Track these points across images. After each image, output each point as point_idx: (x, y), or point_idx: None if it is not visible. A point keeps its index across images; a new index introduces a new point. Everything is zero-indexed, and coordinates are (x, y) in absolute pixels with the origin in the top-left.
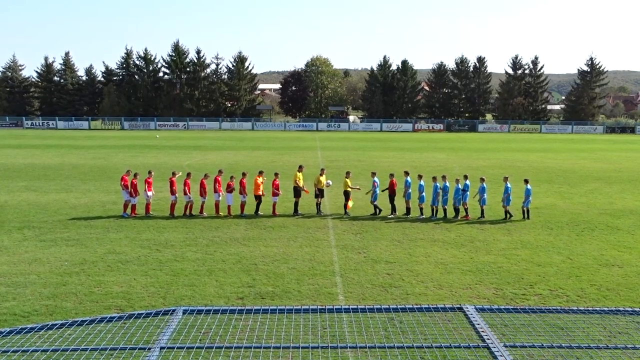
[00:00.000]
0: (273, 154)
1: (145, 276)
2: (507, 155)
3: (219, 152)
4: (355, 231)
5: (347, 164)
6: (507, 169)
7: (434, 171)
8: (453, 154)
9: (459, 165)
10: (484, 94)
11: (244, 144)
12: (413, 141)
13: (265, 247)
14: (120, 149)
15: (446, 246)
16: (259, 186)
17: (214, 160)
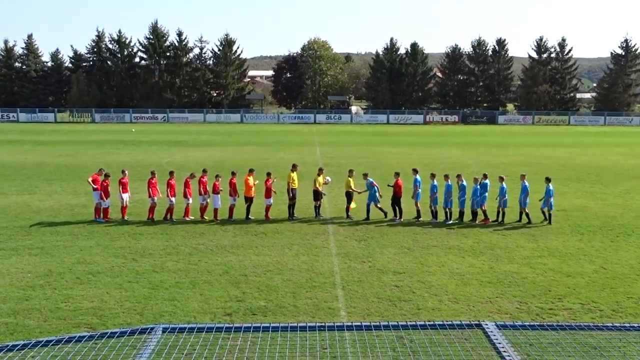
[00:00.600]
0: (265, 150)
1: (120, 289)
2: (531, 150)
3: (204, 149)
4: (358, 237)
5: (350, 161)
6: (531, 167)
7: (448, 169)
8: (470, 149)
9: (476, 163)
10: (504, 81)
11: (232, 138)
12: (424, 135)
13: (256, 255)
14: (91, 145)
15: (462, 254)
16: (250, 187)
17: (198, 158)
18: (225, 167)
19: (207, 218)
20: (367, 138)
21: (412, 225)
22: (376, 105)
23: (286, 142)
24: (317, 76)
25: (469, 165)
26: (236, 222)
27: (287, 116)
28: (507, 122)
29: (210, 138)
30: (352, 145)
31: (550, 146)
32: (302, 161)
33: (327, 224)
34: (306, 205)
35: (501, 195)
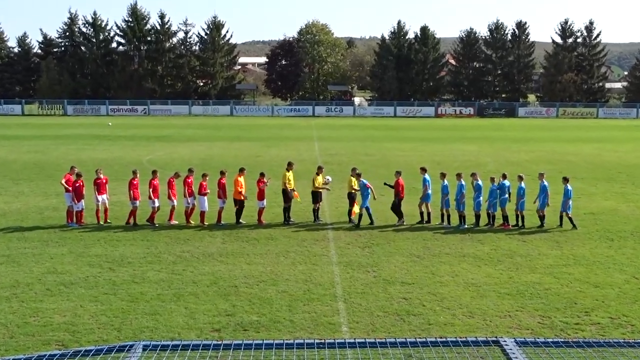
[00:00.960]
0: (258, 147)
1: (95, 302)
2: (554, 146)
3: (189, 145)
4: (362, 244)
5: (352, 159)
6: (555, 164)
7: (462, 167)
8: (486, 145)
9: (494, 160)
10: (525, 69)
11: (220, 133)
12: (435, 129)
13: (248, 264)
14: (63, 140)
15: (478, 262)
16: (239, 188)
17: (183, 155)
18: (213, 166)
19: (193, 222)
20: (371, 133)
21: (422, 230)
22: (382, 96)
23: (281, 138)
24: (316, 63)
25: (486, 164)
26: (225, 227)
27: (282, 108)
28: (528, 114)
29: (196, 133)
30: (355, 140)
31: (576, 141)
32: (299, 159)
33: (327, 229)
34: (304, 209)
35: (519, 197)
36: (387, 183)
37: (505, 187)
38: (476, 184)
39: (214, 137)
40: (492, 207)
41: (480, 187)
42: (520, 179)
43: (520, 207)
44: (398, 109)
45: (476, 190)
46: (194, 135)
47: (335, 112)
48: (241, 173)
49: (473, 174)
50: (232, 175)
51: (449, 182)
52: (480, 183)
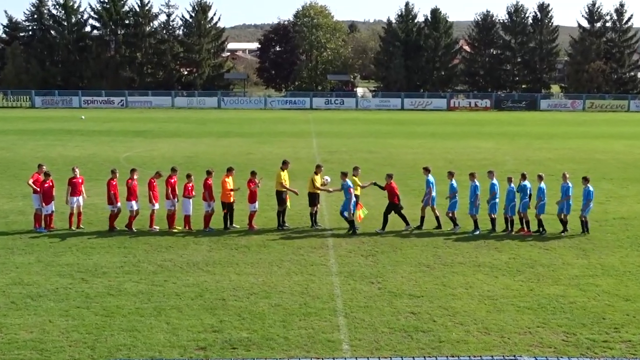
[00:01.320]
0: (249, 143)
1: (66, 317)
2: (581, 143)
3: (172, 141)
4: (366, 252)
5: (354, 156)
6: (581, 163)
7: (478, 167)
8: (505, 142)
9: (514, 159)
10: (547, 56)
11: (207, 128)
12: (448, 124)
13: (237, 275)
14: (30, 136)
15: (495, 273)
16: (227, 190)
17: (165, 153)
18: (198, 164)
19: (176, 228)
20: (376, 127)
21: (432, 236)
22: (387, 87)
23: (275, 133)
24: (314, 50)
25: (504, 162)
26: (212, 233)
27: (276, 100)
28: (552, 107)
29: (179, 127)
30: (358, 136)
31: (605, 138)
32: (295, 157)
33: (326, 236)
34: (300, 212)
35: (539, 199)
36: (376, 183)
37: (526, 188)
38: (491, 184)
39: (199, 132)
40: (509, 210)
41: (495, 186)
42: (540, 179)
43: (540, 210)
44: (406, 101)
45: (491, 191)
46: (178, 130)
47: (336, 104)
48: (230, 173)
49: (490, 172)
50: (220, 175)
51: (456, 183)
52: (496, 182)
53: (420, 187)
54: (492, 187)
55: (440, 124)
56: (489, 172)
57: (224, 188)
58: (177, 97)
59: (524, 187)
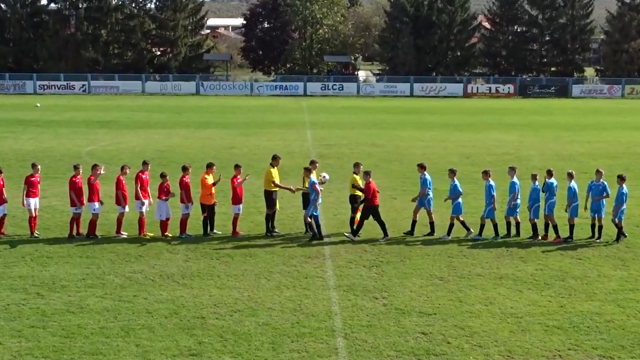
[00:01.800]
0: (232, 135)
1: (19, 338)
2: (618, 135)
3: (142, 132)
4: (369, 262)
5: (356, 151)
6: (619, 158)
7: (499, 162)
8: (530, 134)
9: (541, 154)
10: (580, 34)
11: (183, 117)
12: (464, 113)
13: (219, 289)
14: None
15: (519, 286)
16: (208, 190)
17: (134, 146)
18: (173, 160)
19: (148, 234)
20: (381, 117)
21: (446, 244)
22: (394, 70)
23: (263, 123)
24: (309, 27)
25: (529, 158)
26: (190, 240)
27: (264, 85)
28: (585, 94)
29: (151, 117)
30: (360, 127)
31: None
32: (287, 151)
33: (323, 243)
34: (292, 216)
35: (569, 200)
36: (355, 185)
37: (552, 187)
38: (512, 184)
39: (174, 122)
40: (533, 212)
41: (515, 185)
42: (571, 177)
43: (572, 213)
44: (415, 87)
45: (512, 190)
46: (149, 120)
47: (334, 90)
48: (210, 169)
49: (512, 168)
50: (199, 172)
51: (459, 182)
52: (516, 181)
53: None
54: (512, 186)
55: (456, 113)
56: (510, 169)
57: (204, 187)
58: (148, 82)
59: (550, 186)
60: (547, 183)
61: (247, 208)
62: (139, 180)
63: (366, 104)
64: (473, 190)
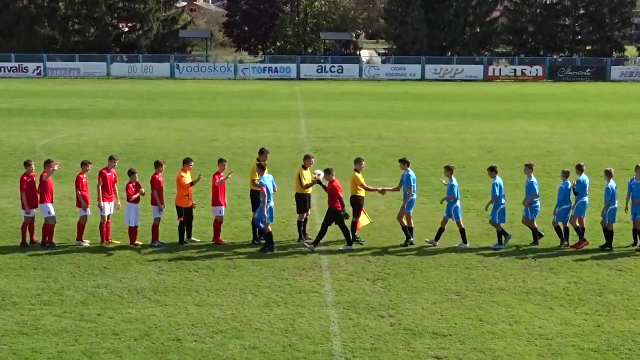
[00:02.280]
0: (212, 126)
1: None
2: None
3: (107, 122)
4: (373, 274)
5: (358, 144)
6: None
7: (525, 157)
8: (562, 123)
9: (574, 147)
10: (620, 7)
11: (155, 105)
12: (485, 99)
13: (197, 306)
14: None
15: (549, 303)
16: (185, 190)
17: (98, 138)
18: (144, 155)
19: (114, 242)
20: (387, 104)
21: (463, 252)
22: (403, 49)
23: (249, 112)
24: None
25: (561, 152)
26: (163, 249)
27: (250, 67)
28: (626, 77)
29: (118, 104)
30: (362, 116)
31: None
32: (276, 144)
33: (320, 253)
34: (284, 220)
35: (606, 202)
36: (320, 182)
37: (584, 185)
38: (529, 183)
39: (145, 111)
40: (559, 215)
41: (534, 186)
42: (609, 176)
43: (609, 218)
44: (427, 69)
45: (530, 191)
46: (115, 109)
47: (332, 73)
48: (187, 166)
49: (527, 165)
50: (174, 169)
51: (456, 182)
52: (535, 180)
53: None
54: (530, 186)
55: (475, 100)
56: (526, 167)
57: (180, 187)
58: (114, 63)
59: (582, 184)
60: (579, 181)
61: (230, 211)
62: (102, 178)
63: (370, 89)
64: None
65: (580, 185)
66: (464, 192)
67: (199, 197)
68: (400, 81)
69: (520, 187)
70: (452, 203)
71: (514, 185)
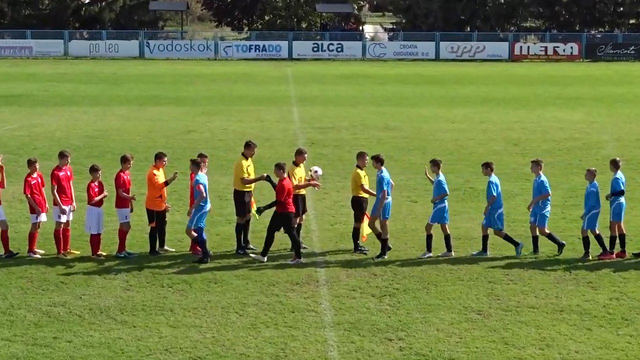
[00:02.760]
0: (189, 115)
1: None
2: None
3: (65, 111)
4: (379, 289)
5: (361, 136)
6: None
7: (558, 151)
8: (602, 111)
9: (616, 138)
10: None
11: (121, 90)
12: (510, 82)
13: (172, 327)
14: None
15: (587, 322)
16: (158, 190)
17: (54, 129)
18: (108, 150)
19: (72, 253)
20: (395, 89)
21: (486, 261)
22: (413, 24)
23: (231, 98)
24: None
25: (600, 144)
26: (131, 260)
27: (233, 45)
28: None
29: (77, 89)
30: (366, 103)
31: None
32: (265, 136)
33: (316, 264)
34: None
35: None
36: (269, 178)
37: (619, 184)
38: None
39: (110, 97)
40: (588, 222)
41: (545, 185)
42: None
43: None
44: (442, 47)
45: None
46: (74, 95)
47: (330, 52)
48: (160, 162)
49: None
50: (144, 166)
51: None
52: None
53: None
54: (540, 186)
55: (499, 83)
56: (533, 164)
57: (152, 187)
58: (73, 41)
59: (617, 181)
60: (615, 179)
61: (211, 216)
62: (55, 180)
63: (375, 71)
64: (523, 191)
65: (618, 183)
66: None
67: (173, 199)
68: (411, 62)
69: (552, 186)
70: (438, 203)
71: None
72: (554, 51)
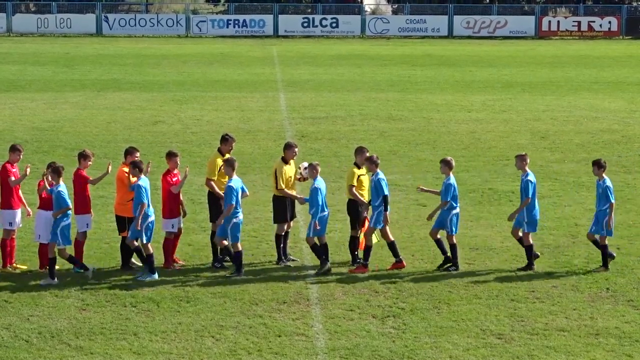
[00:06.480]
0: (157, 102)
1: None
2: None
3: (9, 98)
4: (382, 309)
5: (360, 128)
6: None
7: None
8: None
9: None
10: None
11: (77, 74)
12: (538, 64)
13: (137, 354)
14: None
15: (627, 348)
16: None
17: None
18: (61, 144)
19: (18, 267)
20: (400, 72)
21: (507, 279)
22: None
23: (207, 83)
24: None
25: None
26: (90, 275)
27: (208, 21)
28: None
29: (24, 72)
30: (366, 89)
31: None
32: (246, 128)
33: (307, 280)
34: (256, 235)
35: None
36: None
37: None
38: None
39: (62, 81)
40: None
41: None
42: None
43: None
44: (456, 22)
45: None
46: (19, 78)
47: (324, 28)
48: (132, 159)
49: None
50: (102, 164)
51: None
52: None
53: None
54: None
55: (523, 65)
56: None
57: (123, 188)
58: (17, 15)
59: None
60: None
61: (185, 222)
62: (5, 174)
63: (376, 50)
64: (552, 192)
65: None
66: (509, 195)
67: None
68: (419, 39)
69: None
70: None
71: (577, 184)
72: (588, 26)
